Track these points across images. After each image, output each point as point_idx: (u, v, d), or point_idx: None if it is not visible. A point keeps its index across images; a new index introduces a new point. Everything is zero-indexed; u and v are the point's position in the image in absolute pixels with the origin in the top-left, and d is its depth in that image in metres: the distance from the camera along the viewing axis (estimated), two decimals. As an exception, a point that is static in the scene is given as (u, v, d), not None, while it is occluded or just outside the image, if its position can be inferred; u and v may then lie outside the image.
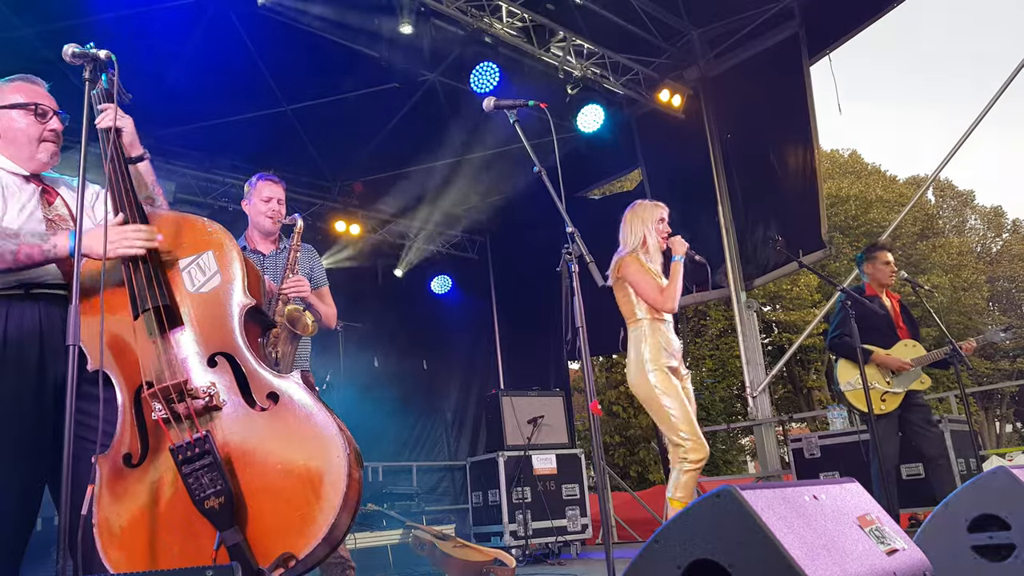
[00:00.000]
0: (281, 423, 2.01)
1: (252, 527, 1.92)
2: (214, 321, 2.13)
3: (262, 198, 3.40)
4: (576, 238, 2.55)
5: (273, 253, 3.41)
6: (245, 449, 2.00)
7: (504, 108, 2.79)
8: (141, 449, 2.03)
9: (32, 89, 2.30)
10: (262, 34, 6.09)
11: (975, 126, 6.33)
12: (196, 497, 1.90)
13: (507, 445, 6.47)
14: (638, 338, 3.62)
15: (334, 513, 1.89)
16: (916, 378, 4.44)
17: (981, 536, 2.20)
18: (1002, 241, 29.09)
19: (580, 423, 15.59)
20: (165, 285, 2.13)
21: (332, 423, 2.00)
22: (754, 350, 7.23)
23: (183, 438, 1.96)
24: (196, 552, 1.93)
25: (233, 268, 2.18)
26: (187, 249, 2.21)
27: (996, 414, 25.93)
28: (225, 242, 2.21)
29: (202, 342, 2.11)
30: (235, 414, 2.04)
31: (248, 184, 3.51)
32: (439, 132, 7.79)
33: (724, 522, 1.68)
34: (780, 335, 21.39)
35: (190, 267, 2.19)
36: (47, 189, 2.30)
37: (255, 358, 2.09)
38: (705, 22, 7.30)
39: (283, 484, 1.95)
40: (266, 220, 3.38)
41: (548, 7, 6.55)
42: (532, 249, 8.65)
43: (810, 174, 6.72)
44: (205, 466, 1.91)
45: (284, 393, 2.04)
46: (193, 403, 2.01)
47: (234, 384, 2.06)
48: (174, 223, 2.27)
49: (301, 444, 1.98)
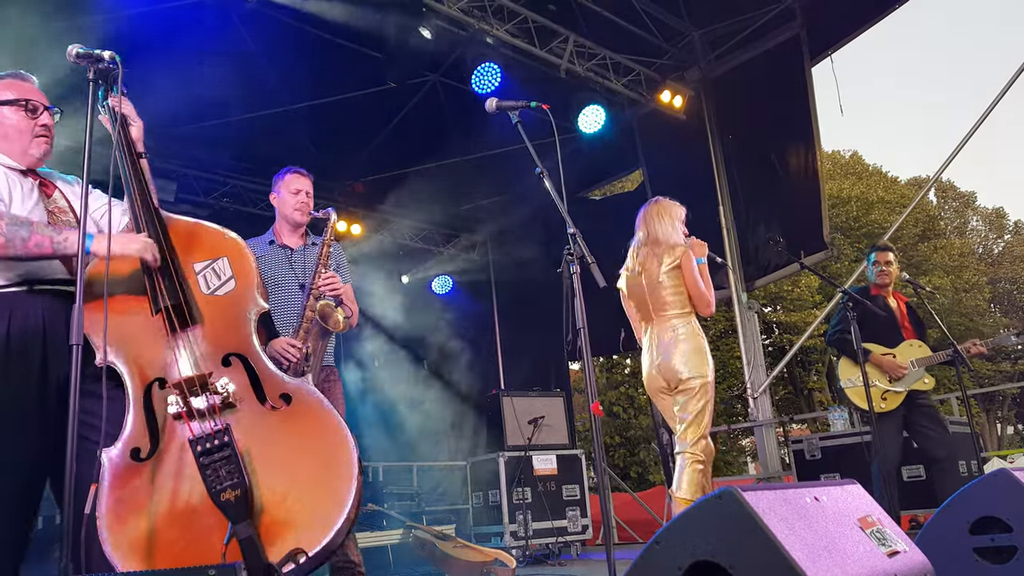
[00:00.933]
0: (295, 422, 2.08)
1: (264, 522, 1.96)
2: (228, 323, 2.20)
3: (291, 191, 3.34)
4: (577, 239, 2.54)
5: (301, 248, 3.35)
6: (260, 445, 2.04)
7: (506, 109, 2.80)
8: (150, 444, 2.05)
9: (22, 85, 2.31)
10: (263, 34, 6.09)
11: (977, 127, 6.33)
12: (213, 489, 1.93)
13: (508, 445, 6.47)
14: (694, 330, 3.65)
15: (345, 510, 1.94)
16: (919, 378, 4.42)
17: (983, 538, 2.20)
18: (1004, 242, 29.10)
19: (581, 424, 15.59)
20: (184, 284, 2.19)
21: (343, 424, 2.07)
22: (755, 351, 7.23)
23: (203, 430, 2.00)
24: (201, 547, 1.94)
25: (249, 274, 2.26)
26: (203, 254, 2.29)
27: (997, 416, 25.92)
28: (241, 249, 2.30)
29: (217, 342, 2.17)
30: (250, 412, 2.09)
31: (276, 177, 3.45)
32: (440, 132, 7.79)
33: (725, 523, 1.68)
34: (781, 336, 21.40)
35: (205, 271, 2.26)
36: (44, 182, 2.32)
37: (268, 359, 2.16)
38: (706, 23, 7.29)
39: (296, 481, 2.00)
40: (295, 213, 3.31)
41: (550, 8, 6.55)
42: (533, 249, 8.67)
43: (812, 175, 6.72)
44: (224, 458, 1.95)
45: (297, 394, 2.11)
46: (212, 397, 2.06)
47: (248, 384, 2.12)
48: (190, 228, 2.34)
49: (315, 443, 2.04)
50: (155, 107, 5.01)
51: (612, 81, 7.07)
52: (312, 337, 3.04)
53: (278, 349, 2.91)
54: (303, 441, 2.05)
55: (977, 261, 26.87)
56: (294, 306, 3.19)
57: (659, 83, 7.36)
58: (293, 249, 3.34)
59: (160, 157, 6.82)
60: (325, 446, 2.04)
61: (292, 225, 3.36)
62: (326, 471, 2.00)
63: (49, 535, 4.08)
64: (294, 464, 2.02)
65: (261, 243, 3.33)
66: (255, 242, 3.28)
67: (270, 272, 3.23)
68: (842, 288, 4.28)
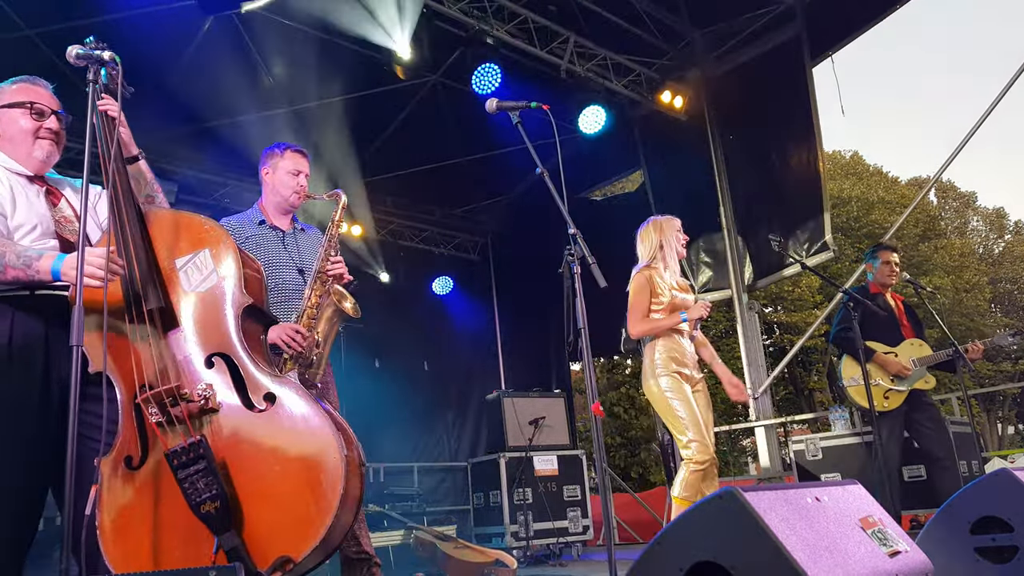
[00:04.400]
0: (277, 425, 2.00)
1: (249, 530, 1.92)
2: (210, 321, 2.12)
3: (290, 171, 3.12)
4: (578, 239, 2.54)
5: (292, 232, 3.18)
6: (241, 452, 1.99)
7: (507, 109, 2.80)
8: (141, 452, 2.02)
9: (32, 89, 2.31)
10: (263, 35, 6.09)
11: (978, 126, 6.32)
12: (192, 501, 1.90)
13: (508, 446, 6.47)
14: (650, 346, 3.71)
15: (331, 516, 1.88)
16: (921, 377, 4.43)
17: (983, 538, 2.20)
18: (1004, 243, 29.09)
19: (581, 424, 15.58)
20: (161, 287, 2.13)
21: (328, 424, 1.98)
22: (755, 351, 7.23)
23: (178, 443, 1.95)
24: (197, 555, 1.92)
25: (228, 266, 2.17)
26: (184, 248, 2.20)
27: (998, 416, 25.90)
28: (222, 240, 2.21)
29: (199, 343, 2.10)
30: (232, 416, 2.03)
31: (270, 150, 3.19)
32: (441, 133, 7.78)
33: (726, 524, 1.67)
34: (781, 336, 21.38)
35: (187, 266, 2.18)
36: (51, 190, 2.31)
37: (252, 358, 2.08)
38: (707, 23, 7.29)
39: (279, 487, 1.94)
40: (292, 196, 3.12)
41: (550, 8, 6.54)
42: (534, 250, 8.65)
43: (813, 175, 6.71)
44: (200, 471, 1.91)
45: (280, 394, 2.03)
46: (188, 406, 2.00)
47: (231, 385, 2.05)
48: (172, 221, 2.26)
49: (297, 446, 1.97)
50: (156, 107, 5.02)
51: (612, 82, 7.06)
52: (323, 323, 2.88)
53: (283, 337, 2.71)
54: (286, 445, 1.97)
55: (977, 261, 26.86)
56: (293, 290, 3.04)
57: (660, 83, 7.35)
58: (285, 231, 3.16)
59: (160, 157, 6.82)
60: (310, 448, 1.96)
61: (284, 207, 3.16)
62: (311, 474, 1.93)
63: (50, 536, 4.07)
64: (277, 469, 1.96)
65: (249, 223, 3.11)
66: (241, 221, 3.11)
67: (264, 253, 3.03)
68: (843, 288, 4.28)
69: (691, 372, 3.70)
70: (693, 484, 3.46)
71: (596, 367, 19.77)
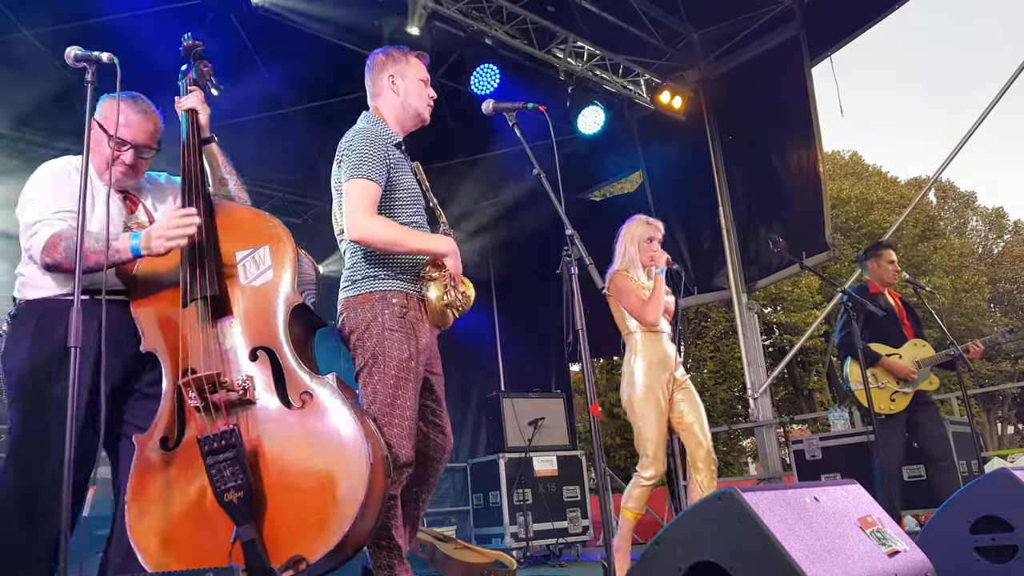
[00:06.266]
0: (309, 425, 2.03)
1: (268, 526, 1.94)
2: (260, 315, 2.17)
3: (422, 78, 2.68)
4: (576, 240, 2.53)
5: None
6: (271, 447, 2.02)
7: (503, 111, 2.78)
8: (177, 433, 2.06)
9: (125, 113, 2.33)
10: (262, 35, 6.08)
11: (977, 127, 6.32)
12: (217, 489, 1.92)
13: (508, 447, 6.46)
14: (631, 351, 3.73)
15: (349, 522, 1.89)
16: (925, 378, 4.43)
17: (983, 538, 2.20)
18: (1003, 243, 29.11)
19: (581, 425, 15.56)
20: (218, 275, 2.17)
21: (359, 430, 1.99)
22: (755, 352, 7.23)
23: (211, 429, 1.99)
24: (213, 542, 1.94)
25: (286, 265, 2.21)
26: (245, 242, 2.25)
27: (998, 415, 25.91)
28: (283, 238, 2.25)
29: (247, 335, 2.15)
30: (267, 410, 2.06)
31: (386, 53, 2.71)
32: (439, 134, 7.77)
33: (725, 524, 1.67)
34: (781, 336, 21.37)
35: (246, 260, 2.23)
36: (130, 197, 2.41)
37: (295, 355, 2.11)
38: (706, 23, 7.29)
39: (302, 486, 1.96)
40: (426, 109, 2.71)
41: (549, 9, 6.54)
42: (533, 251, 8.65)
43: (813, 175, 6.71)
44: (229, 459, 1.93)
45: (317, 395, 2.05)
46: (226, 395, 2.04)
47: (271, 380, 2.09)
48: (238, 214, 2.33)
49: (325, 449, 1.99)
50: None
51: (611, 82, 7.06)
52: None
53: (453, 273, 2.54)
54: (315, 446, 1.99)
55: (977, 261, 26.88)
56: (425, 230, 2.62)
57: (659, 84, 7.35)
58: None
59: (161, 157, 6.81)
60: (337, 453, 1.97)
61: (415, 123, 2.72)
62: (335, 479, 1.94)
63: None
64: (305, 468, 1.97)
65: (389, 143, 2.58)
66: (380, 137, 2.55)
67: (409, 183, 2.60)
68: (842, 288, 4.28)
69: (671, 374, 3.70)
70: (639, 499, 3.60)
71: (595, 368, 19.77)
